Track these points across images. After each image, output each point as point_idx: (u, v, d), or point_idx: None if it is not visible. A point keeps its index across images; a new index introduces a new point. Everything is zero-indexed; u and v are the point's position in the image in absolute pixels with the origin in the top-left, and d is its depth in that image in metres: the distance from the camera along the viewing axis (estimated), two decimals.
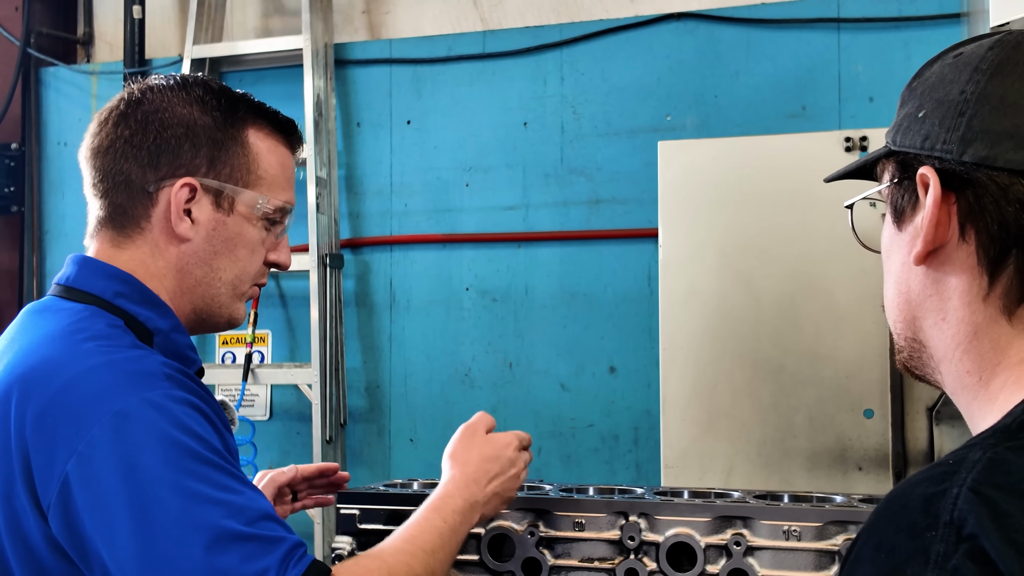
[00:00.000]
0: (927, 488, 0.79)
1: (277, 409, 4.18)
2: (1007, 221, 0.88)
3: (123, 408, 1.19)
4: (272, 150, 1.48)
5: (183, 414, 1.22)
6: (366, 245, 4.12)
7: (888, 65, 3.48)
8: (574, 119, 3.87)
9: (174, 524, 1.15)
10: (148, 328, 1.37)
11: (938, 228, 0.92)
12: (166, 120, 1.41)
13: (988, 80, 0.91)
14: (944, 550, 0.73)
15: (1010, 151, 0.87)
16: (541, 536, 1.87)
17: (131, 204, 1.42)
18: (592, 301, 3.82)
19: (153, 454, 1.17)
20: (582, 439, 3.80)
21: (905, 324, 0.99)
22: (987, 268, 0.90)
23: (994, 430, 0.82)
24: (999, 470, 0.77)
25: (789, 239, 2.79)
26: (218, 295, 1.45)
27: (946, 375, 0.96)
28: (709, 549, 1.80)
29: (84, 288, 1.38)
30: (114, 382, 1.23)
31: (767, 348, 2.79)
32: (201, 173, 1.41)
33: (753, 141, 3.02)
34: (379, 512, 1.94)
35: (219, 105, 1.44)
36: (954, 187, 0.91)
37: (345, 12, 4.24)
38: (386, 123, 4.11)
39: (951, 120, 0.92)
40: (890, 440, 2.68)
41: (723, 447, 2.79)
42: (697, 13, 3.75)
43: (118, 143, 1.41)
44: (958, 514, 0.74)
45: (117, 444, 1.17)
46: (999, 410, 0.87)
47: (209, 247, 1.43)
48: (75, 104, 4.54)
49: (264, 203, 1.45)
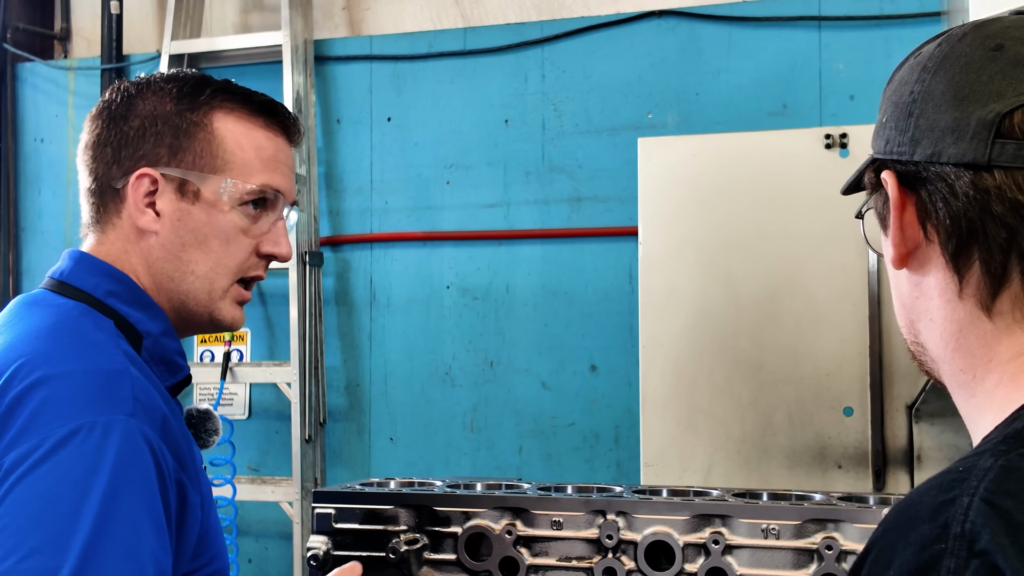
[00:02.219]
0: (936, 496, 0.76)
1: (256, 408, 4.16)
2: (957, 215, 0.87)
3: (78, 427, 1.16)
4: (243, 132, 1.42)
5: (132, 452, 1.18)
6: (346, 243, 4.09)
7: (869, 63, 3.48)
8: (555, 117, 3.86)
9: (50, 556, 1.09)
10: (138, 330, 1.35)
11: (905, 231, 0.92)
12: (128, 115, 1.40)
13: (932, 77, 0.90)
14: (955, 566, 0.70)
15: (951, 145, 0.87)
16: (519, 535, 1.86)
17: (104, 202, 1.40)
18: (573, 299, 3.80)
19: (84, 485, 1.13)
20: (563, 438, 3.79)
21: (908, 328, 0.99)
22: (952, 265, 0.89)
23: (1004, 435, 0.79)
24: (1012, 478, 0.74)
25: (769, 237, 2.79)
26: (192, 291, 1.40)
27: (944, 375, 0.95)
28: (687, 548, 1.79)
29: (76, 284, 1.36)
30: (80, 395, 1.19)
31: (747, 346, 2.78)
32: (163, 163, 1.38)
33: (734, 138, 3.02)
34: (355, 511, 1.92)
35: (181, 92, 1.41)
36: (912, 188, 0.91)
37: (325, 8, 4.21)
38: (366, 120, 4.09)
39: (903, 122, 0.92)
40: (869, 438, 2.68)
41: (703, 445, 2.79)
42: (678, 11, 3.74)
43: (91, 144, 1.42)
44: (970, 526, 0.71)
45: (56, 460, 1.14)
46: (998, 409, 0.85)
47: (176, 239, 1.38)
48: (52, 100, 4.50)
49: (229, 187, 1.39)
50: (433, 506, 1.90)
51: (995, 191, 0.84)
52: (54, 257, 5.07)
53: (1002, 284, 0.86)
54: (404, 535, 1.89)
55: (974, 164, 0.85)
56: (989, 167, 0.84)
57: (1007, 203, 0.84)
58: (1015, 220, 0.84)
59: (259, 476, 4.09)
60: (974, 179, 0.85)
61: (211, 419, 1.52)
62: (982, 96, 0.86)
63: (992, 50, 0.88)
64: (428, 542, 1.90)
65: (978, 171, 0.85)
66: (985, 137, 0.85)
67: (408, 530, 1.90)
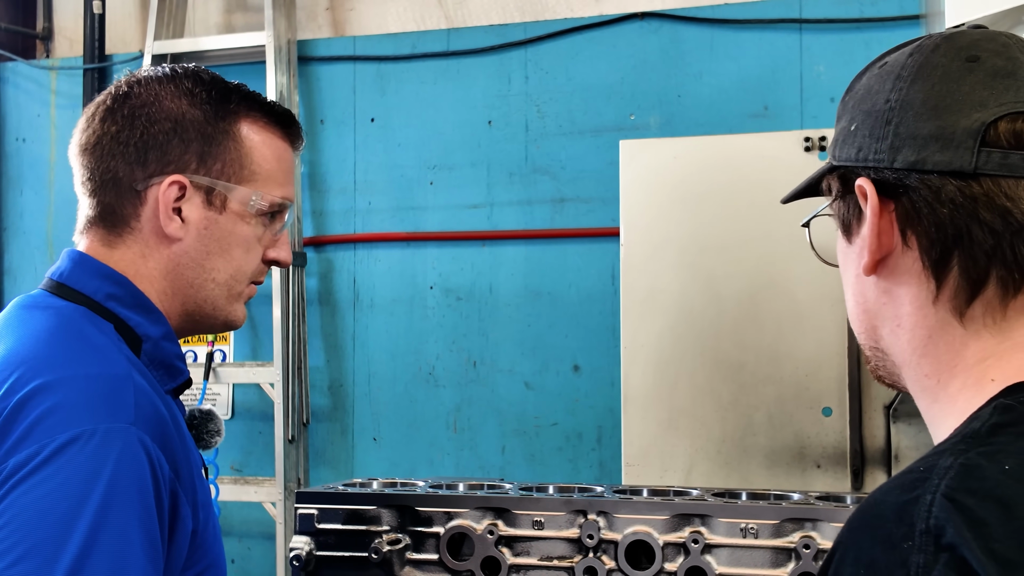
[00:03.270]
0: (899, 496, 0.78)
1: (239, 408, 4.15)
2: (943, 222, 0.88)
3: (78, 435, 1.15)
4: (267, 143, 1.42)
5: (130, 462, 1.17)
6: (329, 243, 4.10)
7: (849, 66, 3.50)
8: (538, 118, 3.88)
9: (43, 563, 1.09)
10: (138, 334, 1.33)
11: (881, 237, 0.93)
12: (154, 115, 1.36)
13: (909, 86, 0.91)
14: (924, 561, 0.72)
15: (936, 153, 0.88)
16: (500, 535, 1.87)
17: (120, 203, 1.36)
18: (556, 300, 3.82)
19: (80, 494, 1.13)
20: (546, 438, 3.80)
21: (867, 334, 1.00)
22: (932, 272, 0.90)
23: (963, 435, 0.81)
24: (972, 476, 0.76)
25: (750, 238, 2.81)
26: (211, 296, 1.40)
27: (908, 380, 0.96)
28: (667, 547, 1.81)
29: (76, 287, 1.34)
30: (83, 401, 1.18)
31: (728, 347, 2.80)
32: (191, 170, 1.35)
33: (715, 140, 3.04)
34: (337, 512, 1.93)
35: (210, 97, 1.38)
36: (891, 195, 0.92)
37: (308, 8, 4.21)
38: (350, 120, 4.09)
39: (880, 129, 0.92)
40: (848, 438, 2.70)
41: (684, 445, 2.81)
42: (661, 13, 3.76)
43: (105, 139, 1.36)
44: (934, 522, 0.73)
45: (55, 468, 1.13)
46: (960, 412, 0.86)
47: (201, 247, 1.37)
48: (34, 100, 4.49)
49: (258, 199, 1.39)
50: (415, 506, 1.91)
51: (983, 198, 0.86)
52: (35, 256, 5.03)
53: (980, 290, 0.88)
54: (386, 535, 1.90)
55: (960, 172, 0.87)
56: (975, 175, 0.86)
57: (996, 210, 0.86)
58: (1002, 226, 0.86)
59: (242, 476, 4.08)
60: (961, 186, 0.87)
61: (213, 420, 1.52)
62: (964, 105, 0.88)
63: (968, 61, 0.90)
64: (410, 542, 1.91)
65: (965, 179, 0.86)
66: (971, 146, 0.86)
67: (390, 530, 1.91)
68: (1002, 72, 0.89)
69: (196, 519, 1.29)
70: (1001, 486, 0.74)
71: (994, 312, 0.88)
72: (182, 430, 1.33)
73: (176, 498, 1.24)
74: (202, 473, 1.37)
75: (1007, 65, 0.90)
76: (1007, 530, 0.71)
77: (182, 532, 1.25)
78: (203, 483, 1.35)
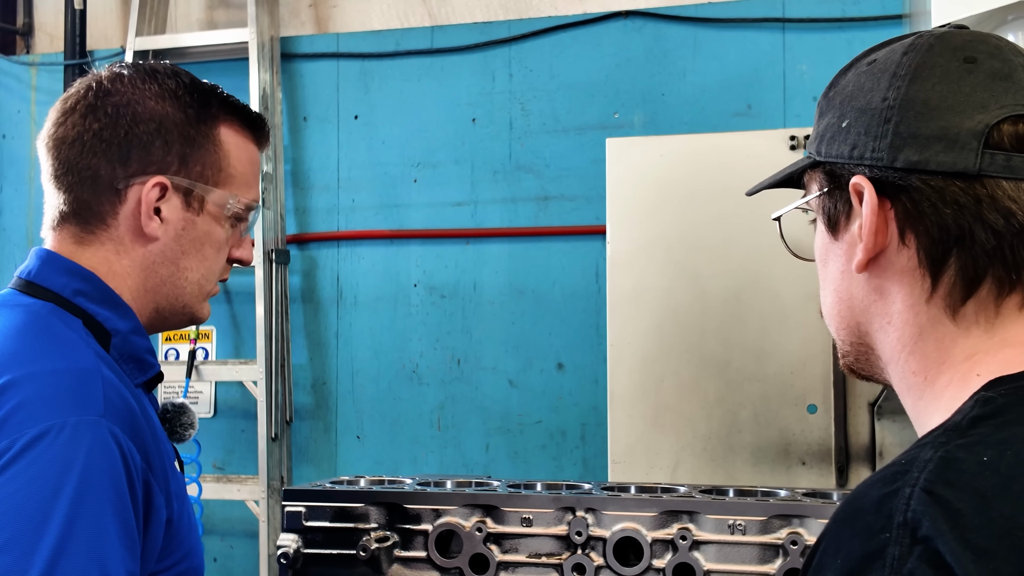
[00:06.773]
0: (880, 489, 0.79)
1: (222, 406, 4.14)
2: (946, 223, 0.89)
3: (47, 428, 1.16)
4: (242, 147, 1.45)
5: (102, 453, 1.18)
6: (313, 241, 4.08)
7: (832, 65, 3.49)
8: (522, 116, 3.88)
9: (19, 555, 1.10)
10: (106, 329, 1.34)
11: (877, 235, 0.93)
12: (138, 114, 1.36)
13: (908, 85, 0.91)
14: (899, 553, 0.73)
15: (940, 154, 0.88)
16: (489, 532, 1.87)
17: (97, 200, 1.36)
18: (540, 298, 3.82)
19: (52, 487, 1.13)
20: (530, 435, 3.81)
21: (849, 330, 1.00)
22: (929, 270, 0.90)
23: (944, 428, 0.82)
24: (951, 468, 0.77)
25: (735, 236, 2.82)
26: (183, 294, 1.42)
27: (893, 376, 0.96)
28: (655, 544, 1.81)
29: (44, 284, 1.35)
30: (51, 396, 1.19)
31: (713, 344, 2.81)
32: (172, 171, 1.37)
33: (699, 139, 3.05)
34: (324, 510, 1.93)
35: (192, 100, 1.40)
36: (888, 194, 0.92)
37: (291, 5, 4.19)
38: (333, 118, 4.08)
39: (877, 128, 0.92)
40: (833, 435, 2.72)
41: (669, 442, 2.81)
42: (644, 11, 3.77)
43: (86, 135, 1.35)
44: (911, 515, 0.74)
45: (27, 462, 1.14)
46: (945, 408, 0.87)
47: (177, 247, 1.39)
48: (14, 96, 4.45)
49: (235, 203, 1.42)
50: (404, 504, 1.91)
51: (987, 200, 0.87)
52: (15, 254, 4.99)
53: (975, 289, 0.89)
54: (374, 533, 1.90)
55: (964, 173, 0.87)
56: (979, 176, 0.87)
57: (1001, 211, 0.87)
58: (1005, 228, 0.87)
59: (225, 475, 4.07)
60: (965, 188, 0.87)
61: (186, 413, 1.52)
62: (966, 107, 0.88)
63: (966, 62, 0.91)
64: (399, 540, 1.91)
65: (969, 180, 0.87)
66: (975, 147, 0.87)
67: (378, 528, 1.91)
68: (1000, 74, 0.90)
69: (170, 508, 1.30)
70: (979, 478, 0.75)
71: (987, 310, 0.89)
72: (153, 422, 1.34)
73: (149, 488, 1.25)
74: (175, 465, 1.38)
75: (1003, 67, 0.90)
76: (983, 520, 0.72)
77: (156, 522, 1.26)
78: (176, 474, 1.36)
